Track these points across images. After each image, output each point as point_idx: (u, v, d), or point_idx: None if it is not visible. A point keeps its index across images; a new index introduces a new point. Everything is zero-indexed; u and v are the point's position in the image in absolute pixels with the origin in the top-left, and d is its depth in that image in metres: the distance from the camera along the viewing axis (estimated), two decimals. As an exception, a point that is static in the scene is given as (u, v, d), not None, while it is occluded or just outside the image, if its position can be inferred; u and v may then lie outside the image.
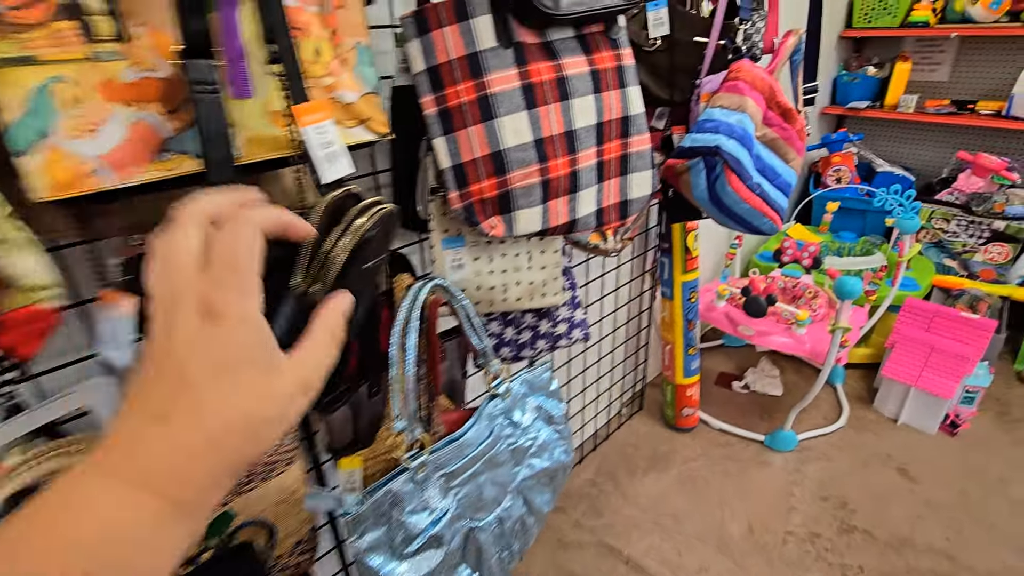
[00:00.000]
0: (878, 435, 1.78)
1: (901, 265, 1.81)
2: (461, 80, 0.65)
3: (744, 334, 1.69)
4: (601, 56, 0.74)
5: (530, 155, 0.69)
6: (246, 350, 0.24)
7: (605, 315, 1.59)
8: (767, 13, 1.02)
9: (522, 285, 0.86)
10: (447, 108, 0.66)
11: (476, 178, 0.68)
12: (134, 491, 0.22)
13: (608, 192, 0.80)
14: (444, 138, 0.67)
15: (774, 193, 1.05)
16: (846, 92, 2.57)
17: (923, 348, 1.76)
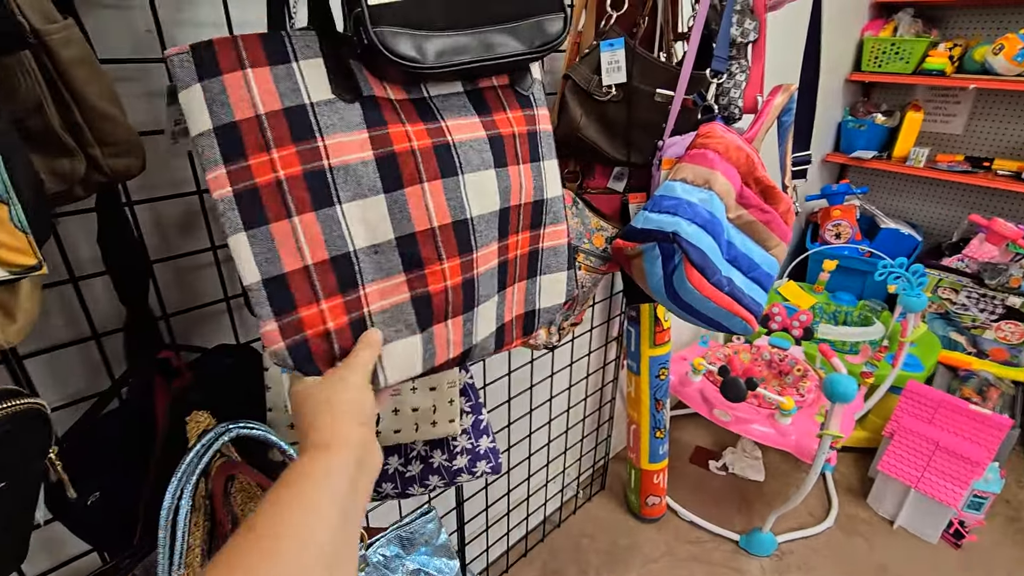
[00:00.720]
0: (870, 541, 1.54)
1: (904, 346, 1.59)
2: (276, 144, 0.43)
3: (720, 419, 1.47)
4: (504, 118, 0.53)
5: (393, 260, 0.48)
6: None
7: (562, 389, 1.36)
8: (750, 64, 0.81)
9: (402, 413, 0.65)
10: (253, 187, 0.43)
11: (309, 297, 0.45)
12: (344, 455, 0.39)
13: (510, 302, 0.59)
14: (248, 235, 0.43)
15: (749, 288, 0.83)
16: (851, 140, 2.37)
17: (926, 444, 1.53)
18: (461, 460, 0.70)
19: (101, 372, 0.64)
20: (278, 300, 0.44)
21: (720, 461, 1.80)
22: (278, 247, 0.44)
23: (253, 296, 0.44)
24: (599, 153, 0.87)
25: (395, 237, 0.47)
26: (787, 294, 2.18)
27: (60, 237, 0.56)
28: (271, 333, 0.44)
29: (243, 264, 0.43)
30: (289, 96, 0.43)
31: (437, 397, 0.65)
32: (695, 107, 0.80)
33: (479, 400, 0.72)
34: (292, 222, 0.44)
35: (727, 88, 0.81)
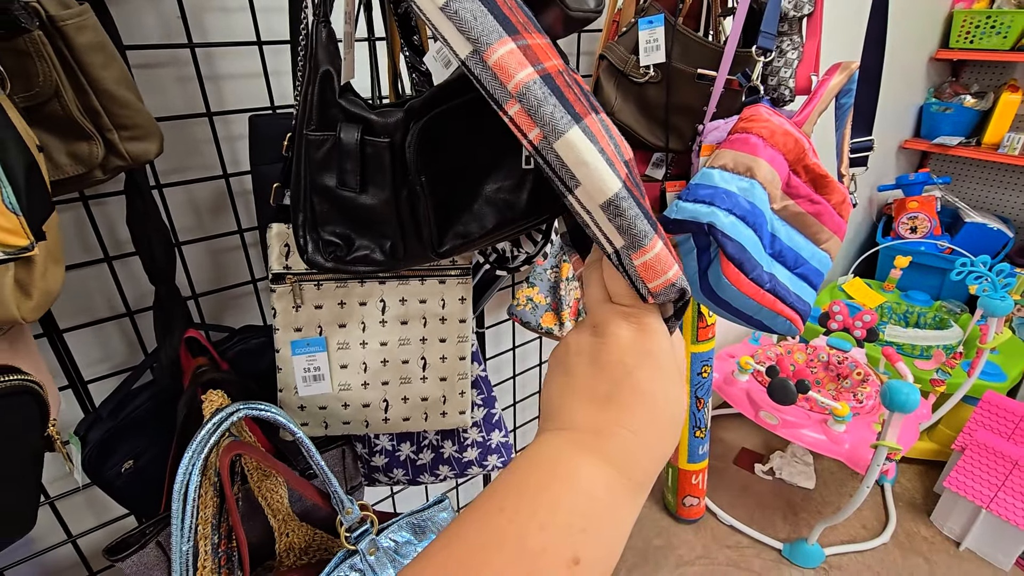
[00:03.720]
0: (931, 562, 1.42)
1: (983, 353, 1.44)
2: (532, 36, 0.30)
3: (766, 422, 1.39)
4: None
5: None
6: (672, 360, 0.27)
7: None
8: (803, 40, 0.74)
9: (411, 401, 0.64)
10: (549, 74, 0.28)
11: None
12: (615, 472, 0.25)
13: None
14: (580, 127, 0.26)
15: (795, 285, 0.77)
16: (934, 124, 2.16)
17: (1003, 462, 1.39)
18: (471, 453, 0.69)
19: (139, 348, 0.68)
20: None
21: (767, 465, 1.71)
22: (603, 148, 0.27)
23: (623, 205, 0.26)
24: (636, 138, 0.82)
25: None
26: (852, 292, 2.03)
27: (94, 218, 0.59)
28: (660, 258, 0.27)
29: (598, 171, 0.26)
30: None
31: (447, 388, 0.64)
32: (740, 89, 0.74)
33: (492, 394, 0.71)
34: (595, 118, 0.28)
35: (777, 67, 0.74)
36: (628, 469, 0.25)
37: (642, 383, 0.26)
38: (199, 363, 0.59)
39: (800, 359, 1.66)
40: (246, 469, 0.56)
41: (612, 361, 0.27)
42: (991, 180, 2.24)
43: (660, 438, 0.27)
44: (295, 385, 0.58)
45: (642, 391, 0.26)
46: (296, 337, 0.58)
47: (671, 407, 0.27)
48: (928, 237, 2.04)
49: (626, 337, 0.27)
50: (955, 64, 2.22)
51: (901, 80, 2.04)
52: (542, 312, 0.84)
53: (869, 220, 2.29)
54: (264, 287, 0.73)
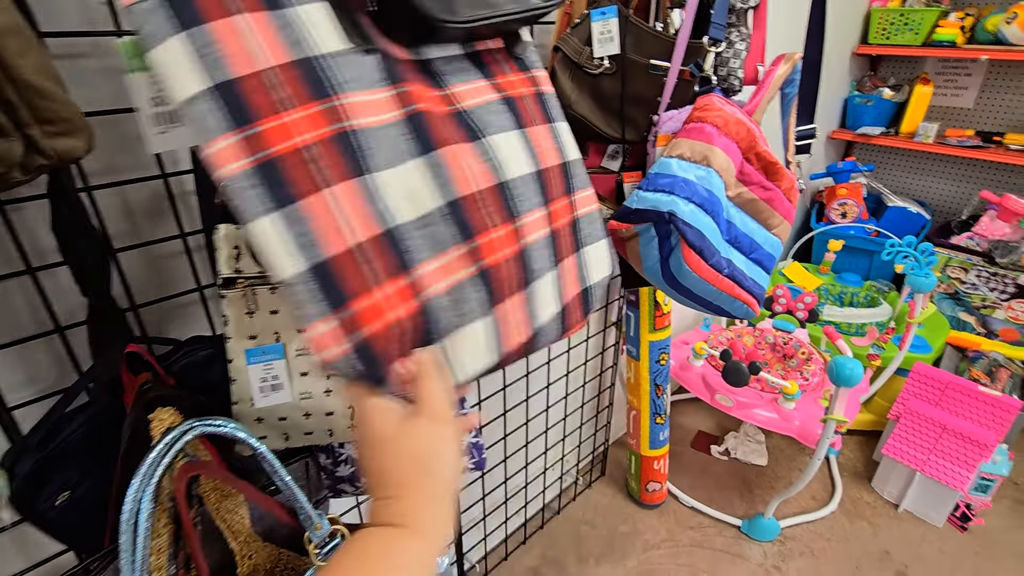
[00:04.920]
0: (875, 525, 1.52)
1: (912, 327, 1.55)
2: (292, 104, 0.35)
3: (722, 404, 1.44)
4: (508, 80, 0.49)
5: (445, 232, 0.41)
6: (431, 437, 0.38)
7: (559, 376, 1.34)
8: (750, 32, 0.76)
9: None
10: (271, 158, 0.34)
11: (366, 284, 0.36)
12: (426, 544, 0.35)
13: (567, 279, 0.52)
14: (275, 217, 0.34)
15: (750, 269, 0.79)
16: (858, 115, 2.30)
17: (932, 427, 1.50)
18: None
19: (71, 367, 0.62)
20: (329, 292, 0.35)
21: (722, 446, 1.77)
22: (316, 226, 0.34)
23: (297, 292, 0.34)
24: (592, 130, 0.82)
25: (444, 203, 0.41)
26: (792, 275, 2.13)
27: (13, 225, 0.53)
28: (324, 337, 0.35)
29: (275, 254, 0.34)
30: (297, 45, 0.35)
31: None
32: (692, 79, 0.76)
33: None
34: (328, 194, 0.35)
35: (726, 58, 0.77)
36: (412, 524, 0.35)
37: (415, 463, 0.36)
38: (143, 380, 0.54)
39: (749, 342, 1.73)
40: (203, 491, 0.52)
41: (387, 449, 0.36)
42: (910, 166, 2.42)
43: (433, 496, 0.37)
44: (252, 396, 0.55)
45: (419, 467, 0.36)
46: (251, 345, 0.54)
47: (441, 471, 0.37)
48: (857, 221, 2.17)
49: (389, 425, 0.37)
50: (874, 59, 2.37)
51: (828, 75, 2.15)
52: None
53: (804, 207, 2.41)
54: (212, 294, 0.68)
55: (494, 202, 0.44)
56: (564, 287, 0.52)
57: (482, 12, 0.42)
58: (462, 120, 0.44)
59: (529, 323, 0.47)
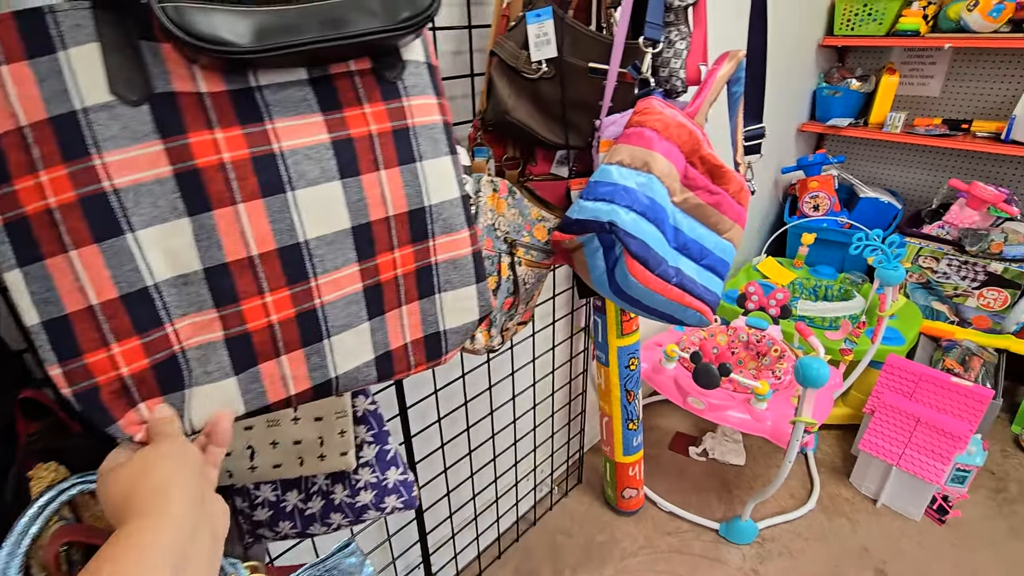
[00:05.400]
0: (853, 521, 1.51)
1: (883, 320, 1.54)
2: (45, 164, 0.35)
3: (694, 407, 1.42)
4: (359, 114, 0.45)
5: (203, 294, 0.41)
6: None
7: (526, 386, 1.30)
8: (691, 31, 0.73)
9: (282, 446, 0.58)
10: (22, 217, 0.35)
11: (96, 341, 0.38)
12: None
13: (397, 328, 0.51)
14: (22, 272, 0.36)
15: (701, 276, 0.77)
16: (826, 107, 2.29)
17: (907, 420, 1.49)
18: (366, 496, 0.64)
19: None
20: (61, 345, 0.38)
21: (700, 447, 1.75)
22: (56, 286, 0.37)
23: (35, 338, 0.37)
24: (533, 136, 0.79)
25: (203, 268, 0.40)
26: (766, 270, 2.12)
27: None
28: (58, 378, 0.38)
29: (19, 304, 0.37)
30: (56, 100, 0.35)
31: (324, 428, 0.58)
32: (634, 81, 0.72)
33: (385, 428, 0.65)
34: (69, 257, 0.37)
35: (667, 58, 0.73)
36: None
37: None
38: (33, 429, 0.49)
39: (722, 341, 1.71)
40: (75, 559, 0.47)
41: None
42: (880, 157, 2.41)
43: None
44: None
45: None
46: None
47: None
48: (829, 214, 2.16)
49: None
50: (841, 50, 2.36)
51: (795, 66, 2.14)
52: (452, 325, 0.79)
53: (776, 201, 2.40)
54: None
55: (274, 266, 0.42)
56: (391, 336, 0.51)
57: (279, 39, 0.37)
58: (270, 168, 0.41)
59: (310, 377, 0.47)
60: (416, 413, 1.02)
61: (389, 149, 0.47)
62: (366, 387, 0.64)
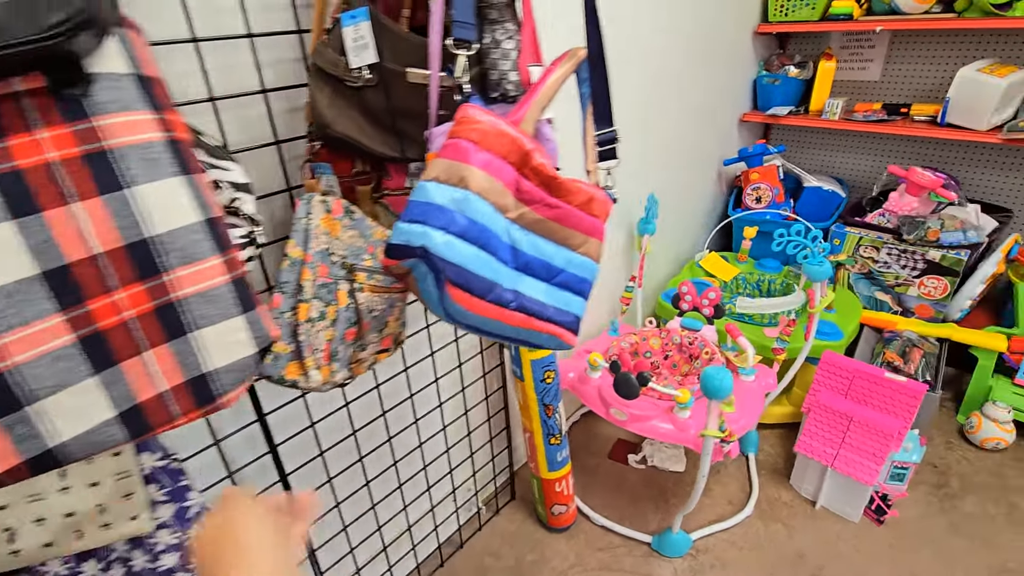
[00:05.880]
0: (790, 527, 1.46)
1: (814, 316, 1.49)
2: None
3: (616, 419, 1.36)
4: (30, 141, 0.38)
5: None
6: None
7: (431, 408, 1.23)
8: (519, 28, 0.66)
9: (51, 522, 0.50)
10: None
11: None
12: None
13: (143, 377, 0.44)
14: None
15: (554, 296, 0.70)
16: (767, 96, 2.24)
17: (840, 420, 1.44)
18: (169, 559, 0.57)
19: None
20: None
21: (639, 454, 1.70)
22: None
23: None
24: (361, 150, 0.72)
25: None
26: (709, 266, 2.06)
27: None
28: None
29: None
30: None
31: (104, 494, 0.51)
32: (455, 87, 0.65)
33: (181, 483, 0.58)
34: None
35: (495, 60, 0.67)
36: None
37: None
38: None
39: (656, 344, 1.65)
40: None
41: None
42: (823, 144, 2.37)
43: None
44: None
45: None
46: None
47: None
48: (771, 205, 2.11)
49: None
50: (781, 37, 2.31)
51: (735, 55, 2.09)
52: (284, 363, 0.72)
53: (721, 194, 2.35)
54: None
55: None
56: (135, 387, 0.44)
57: None
58: None
59: (18, 451, 0.40)
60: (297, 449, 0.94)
61: (82, 177, 0.40)
62: (147, 443, 0.57)
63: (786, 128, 2.43)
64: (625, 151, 1.71)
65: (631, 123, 1.61)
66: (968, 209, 1.79)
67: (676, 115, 1.85)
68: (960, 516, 1.45)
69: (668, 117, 1.80)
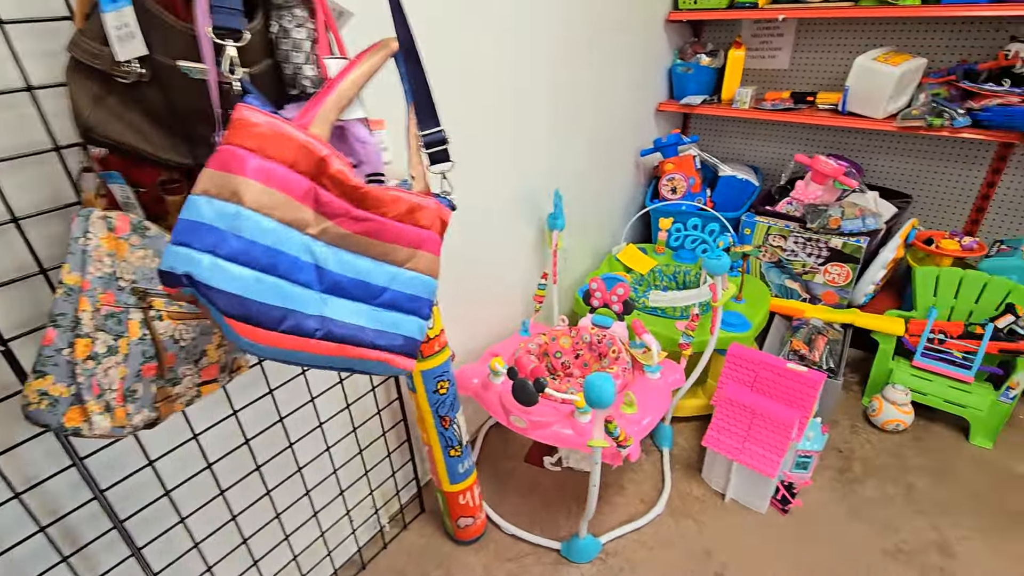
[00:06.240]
0: (700, 522, 1.45)
1: (717, 311, 1.47)
2: None
3: (516, 426, 1.30)
4: None
5: None
6: None
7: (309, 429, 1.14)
8: (309, 16, 0.58)
9: None
10: None
11: None
12: None
13: None
14: None
15: (378, 319, 0.62)
16: (682, 85, 2.23)
17: (745, 413, 1.44)
18: None
19: None
20: None
21: (555, 456, 1.66)
22: None
23: None
24: (148, 158, 0.62)
25: None
26: (626, 260, 2.04)
27: None
28: None
29: None
30: None
31: None
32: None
33: None
34: None
35: (285, 52, 0.58)
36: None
37: None
38: None
39: (566, 344, 1.61)
40: None
41: None
42: (738, 133, 2.38)
43: None
44: None
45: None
46: None
47: None
48: (687, 195, 2.10)
49: None
50: (695, 25, 2.29)
51: (650, 44, 2.05)
52: (64, 408, 0.62)
53: (641, 185, 2.33)
54: None
55: None
56: None
57: None
58: None
59: None
60: (132, 492, 0.84)
61: None
62: None
63: (704, 117, 2.43)
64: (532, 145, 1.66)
65: (537, 116, 1.54)
66: (867, 196, 1.82)
67: (591, 106, 1.79)
68: (860, 501, 1.48)
69: (582, 108, 1.74)
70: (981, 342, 1.62)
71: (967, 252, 1.76)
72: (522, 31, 1.40)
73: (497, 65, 1.35)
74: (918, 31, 1.87)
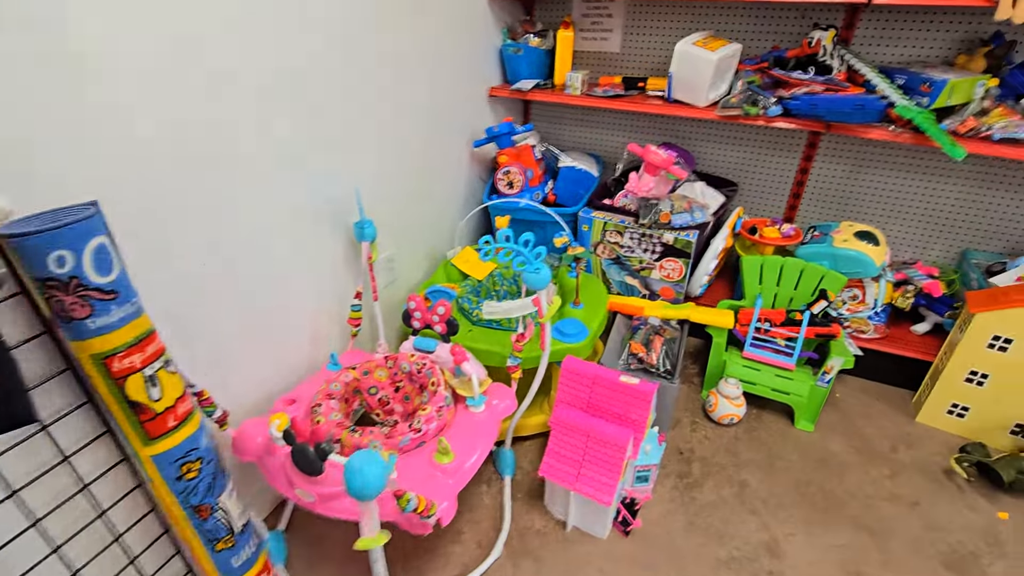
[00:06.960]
0: (539, 559, 1.32)
1: (545, 327, 1.32)
2: None
3: (304, 500, 1.05)
4: None
5: None
6: None
7: None
8: None
9: None
10: None
11: None
12: None
13: None
14: None
15: None
16: (514, 68, 2.05)
17: (579, 436, 1.31)
18: None
19: None
20: None
21: (382, 504, 1.43)
22: None
23: None
24: None
25: None
26: (461, 264, 1.84)
27: None
28: None
29: None
30: None
31: None
32: None
33: None
34: None
35: None
36: None
37: None
38: None
39: (383, 376, 1.38)
40: None
41: None
42: (577, 120, 2.27)
43: None
44: None
45: None
46: None
47: None
48: (526, 189, 1.94)
49: None
50: (526, 1, 2.12)
51: (473, 20, 1.83)
52: None
53: (480, 180, 2.13)
54: None
55: None
56: None
57: None
58: None
59: None
60: None
61: None
62: None
63: (543, 104, 2.29)
64: (327, 140, 1.37)
65: (329, 102, 1.26)
66: (695, 187, 1.79)
67: (409, 93, 1.54)
68: (697, 508, 1.44)
69: (392, 96, 1.48)
70: (800, 329, 1.65)
71: (786, 240, 1.79)
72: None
73: (261, 35, 1.04)
74: (733, 15, 1.85)
